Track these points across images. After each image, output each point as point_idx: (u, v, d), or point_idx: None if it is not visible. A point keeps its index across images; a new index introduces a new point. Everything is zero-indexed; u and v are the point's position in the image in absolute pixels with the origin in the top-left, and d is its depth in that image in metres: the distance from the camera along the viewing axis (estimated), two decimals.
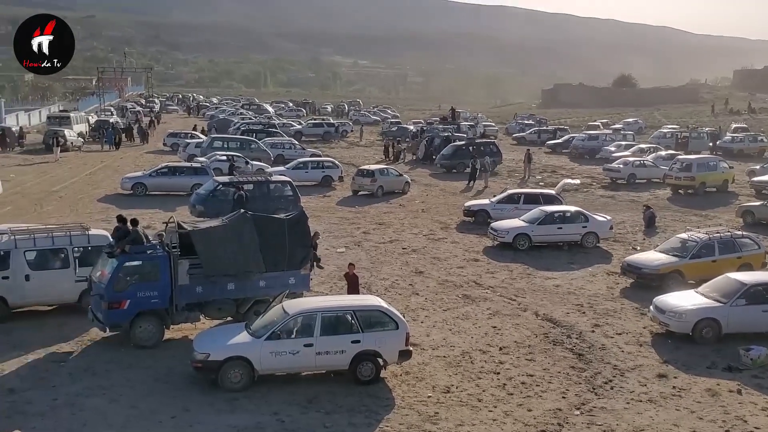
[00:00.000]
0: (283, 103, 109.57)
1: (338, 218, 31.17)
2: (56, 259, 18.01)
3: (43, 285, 17.63)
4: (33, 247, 17.76)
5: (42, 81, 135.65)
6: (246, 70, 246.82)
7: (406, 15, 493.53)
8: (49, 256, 18.00)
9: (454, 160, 45.80)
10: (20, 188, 35.40)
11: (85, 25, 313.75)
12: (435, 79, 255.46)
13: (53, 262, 18.01)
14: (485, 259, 25.11)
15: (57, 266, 17.95)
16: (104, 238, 18.30)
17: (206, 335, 15.37)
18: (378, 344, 14.55)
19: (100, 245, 17.96)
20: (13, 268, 17.42)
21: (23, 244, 17.65)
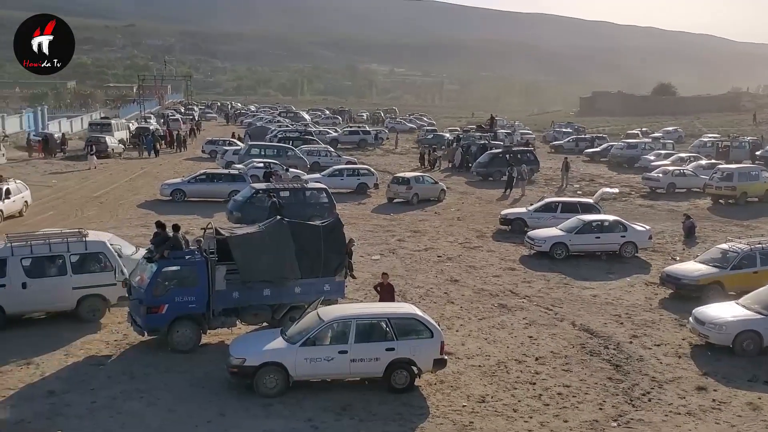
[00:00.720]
0: (319, 111, 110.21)
1: (373, 225, 31.21)
2: (53, 266, 17.87)
3: (40, 292, 17.48)
4: (30, 254, 17.54)
5: (84, 88, 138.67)
6: (283, 78, 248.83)
7: (443, 23, 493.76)
8: (46, 263, 17.80)
9: (491, 168, 45.64)
10: (62, 193, 36.07)
11: (126, 33, 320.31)
12: (472, 86, 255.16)
13: (50, 269, 17.86)
14: (522, 268, 24.93)
15: (54, 273, 17.81)
16: (101, 245, 18.37)
17: (242, 340, 15.47)
18: (412, 352, 14.51)
19: (97, 251, 18.10)
20: (9, 275, 17.28)
21: (20, 251, 17.47)
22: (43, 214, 30.66)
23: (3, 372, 14.81)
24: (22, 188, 30.86)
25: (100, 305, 18.18)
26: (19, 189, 30.47)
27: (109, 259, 18.30)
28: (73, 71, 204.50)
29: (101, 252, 18.31)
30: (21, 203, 30.25)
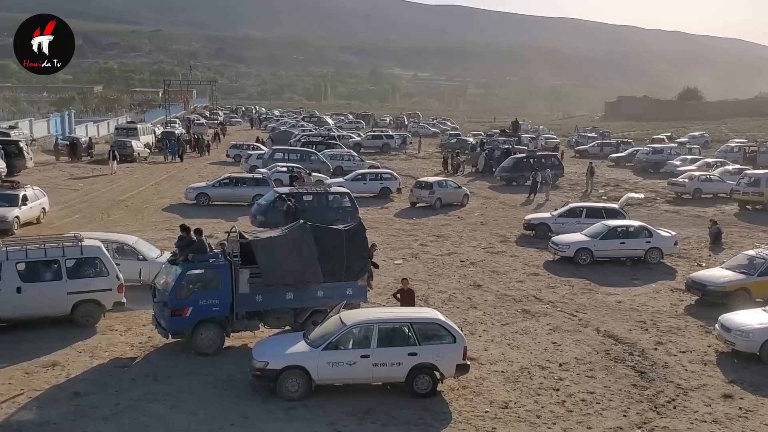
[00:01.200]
0: (342, 116, 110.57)
1: (396, 230, 31.20)
2: (48, 271, 17.71)
3: (35, 297, 17.26)
4: (25, 258, 17.40)
5: (111, 93, 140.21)
6: (307, 83, 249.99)
7: (468, 27, 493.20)
8: (41, 267, 17.63)
9: (515, 173, 45.45)
10: (89, 197, 36.46)
11: (153, 38, 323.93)
12: (496, 91, 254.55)
13: (45, 274, 17.68)
14: (545, 274, 24.78)
15: (49, 278, 17.63)
16: (97, 249, 18.15)
17: (265, 344, 15.52)
18: (435, 357, 14.46)
19: (93, 256, 17.95)
20: (4, 279, 17.10)
21: (15, 255, 17.35)
22: (69, 217, 31.00)
23: (29, 373, 14.98)
24: (40, 195, 30.09)
25: (95, 311, 17.99)
26: (37, 195, 29.67)
27: (105, 264, 18.09)
28: (100, 76, 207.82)
29: (97, 257, 18.07)
30: (38, 210, 29.48)
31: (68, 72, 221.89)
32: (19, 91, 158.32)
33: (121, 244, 21.11)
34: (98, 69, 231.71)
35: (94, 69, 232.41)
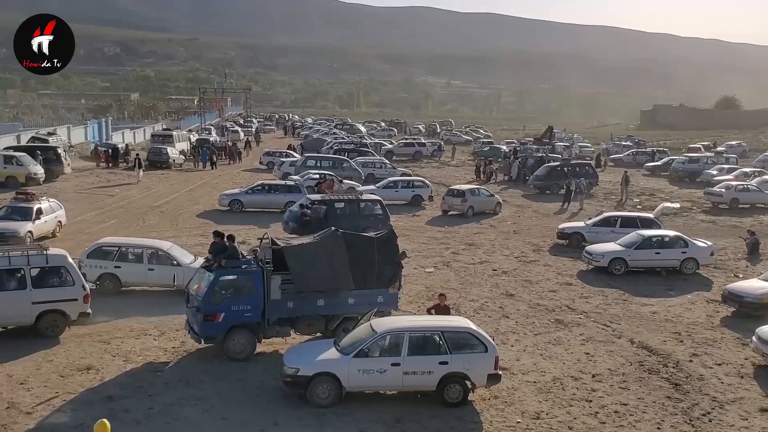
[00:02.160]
0: (375, 123, 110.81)
1: (427, 238, 31.14)
2: (12, 280, 17.20)
3: None
4: None
5: (147, 100, 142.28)
6: (340, 91, 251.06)
7: (500, 35, 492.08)
8: (4, 276, 17.14)
9: (548, 181, 45.15)
10: (124, 203, 36.96)
11: (188, 47, 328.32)
12: (529, 98, 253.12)
13: (9, 282, 17.19)
14: (579, 283, 24.55)
15: (13, 287, 17.13)
16: (63, 259, 17.79)
17: (296, 350, 15.56)
18: (466, 366, 14.38)
19: (58, 265, 17.58)
20: None
21: None
22: (104, 223, 31.44)
23: (64, 376, 15.18)
24: (56, 207, 28.74)
25: (59, 321, 17.51)
26: (53, 208, 28.26)
27: (70, 274, 17.71)
28: (137, 84, 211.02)
29: (62, 266, 17.71)
30: (54, 223, 28.01)
31: (105, 80, 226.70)
32: (57, 98, 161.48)
33: (156, 250, 21.38)
34: (135, 77, 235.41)
35: (131, 77, 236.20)
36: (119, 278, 21.01)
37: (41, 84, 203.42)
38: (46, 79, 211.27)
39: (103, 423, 10.65)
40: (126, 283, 21.16)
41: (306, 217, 27.56)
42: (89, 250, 21.38)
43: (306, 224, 26.95)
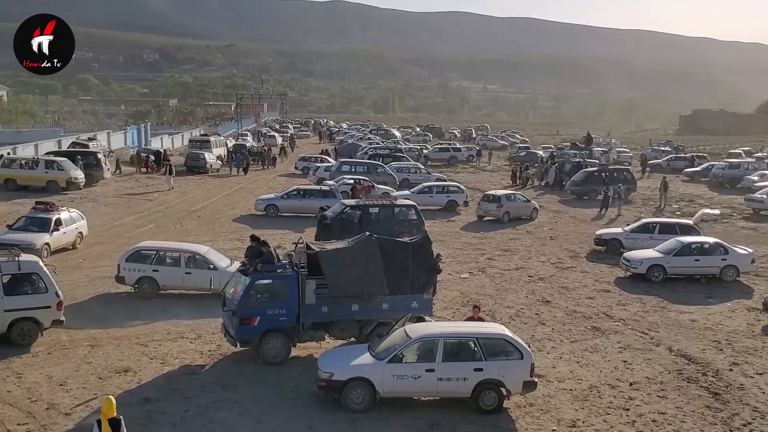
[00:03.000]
0: (410, 128, 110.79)
1: (462, 243, 31.01)
2: None
3: None
4: None
5: (185, 106, 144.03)
6: (375, 96, 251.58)
7: (538, 40, 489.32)
8: None
9: (586, 187, 44.71)
10: (163, 207, 37.43)
11: (226, 53, 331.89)
12: (566, 103, 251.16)
13: None
14: (616, 290, 24.24)
15: None
16: (35, 265, 17.42)
17: (330, 355, 15.59)
18: (501, 373, 14.27)
19: (31, 272, 17.20)
20: None
21: None
22: (143, 227, 31.86)
23: (103, 378, 15.40)
24: (77, 218, 27.59)
25: (32, 329, 17.07)
26: (73, 219, 27.07)
27: (43, 280, 17.25)
28: (175, 90, 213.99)
29: (35, 273, 17.40)
30: (74, 235, 26.89)
31: (145, 86, 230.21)
32: (97, 104, 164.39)
33: (193, 254, 21.61)
34: (174, 83, 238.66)
35: (169, 83, 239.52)
36: (157, 281, 21.27)
37: (82, 90, 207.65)
38: (86, 85, 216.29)
39: (108, 399, 10.82)
40: (164, 287, 21.42)
41: (326, 220, 27.85)
42: (128, 254, 21.67)
43: (325, 228, 27.31)
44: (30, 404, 13.99)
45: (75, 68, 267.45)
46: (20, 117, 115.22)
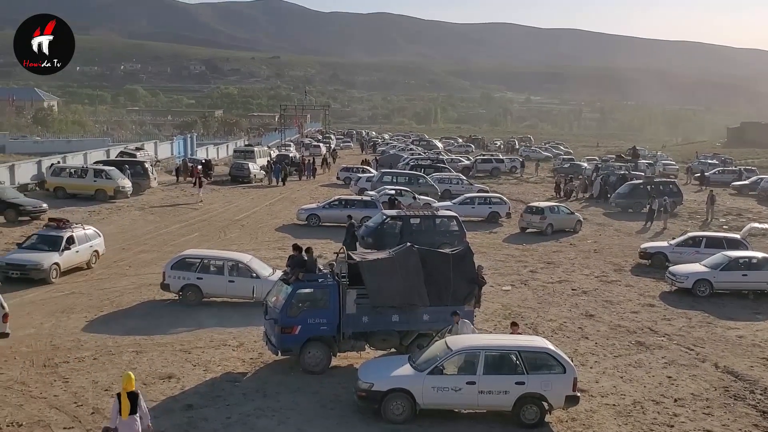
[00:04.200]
0: (452, 139, 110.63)
1: (504, 255, 30.81)
2: None
3: None
4: None
5: (230, 117, 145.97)
6: (418, 107, 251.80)
7: (583, 50, 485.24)
8: None
9: (631, 200, 44.15)
10: (207, 216, 37.93)
11: (271, 65, 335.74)
12: (612, 115, 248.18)
13: None
14: (661, 305, 23.84)
15: None
16: None
17: (371, 365, 15.60)
18: (543, 387, 14.12)
19: None
20: None
21: None
22: (188, 235, 32.33)
23: (147, 384, 15.61)
24: (93, 236, 25.90)
25: None
26: (88, 237, 25.44)
27: None
28: (221, 101, 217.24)
29: None
30: (88, 254, 25.28)
31: (191, 97, 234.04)
32: (145, 114, 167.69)
33: (236, 262, 21.85)
34: (219, 94, 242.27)
35: (215, 94, 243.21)
36: (201, 289, 21.55)
37: (130, 101, 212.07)
38: (134, 96, 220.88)
39: (128, 374, 11.75)
40: (207, 294, 21.69)
41: (353, 228, 28.10)
42: (173, 262, 21.99)
43: (353, 236, 27.96)
44: (76, 408, 14.25)
45: (124, 79, 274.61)
46: (70, 126, 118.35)
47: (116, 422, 11.49)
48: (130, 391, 11.50)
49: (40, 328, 19.01)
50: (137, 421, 11.51)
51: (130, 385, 11.54)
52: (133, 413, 11.46)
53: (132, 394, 11.50)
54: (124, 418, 11.43)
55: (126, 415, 11.43)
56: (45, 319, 19.75)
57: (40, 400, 14.54)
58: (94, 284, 23.57)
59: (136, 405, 11.50)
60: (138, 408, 11.53)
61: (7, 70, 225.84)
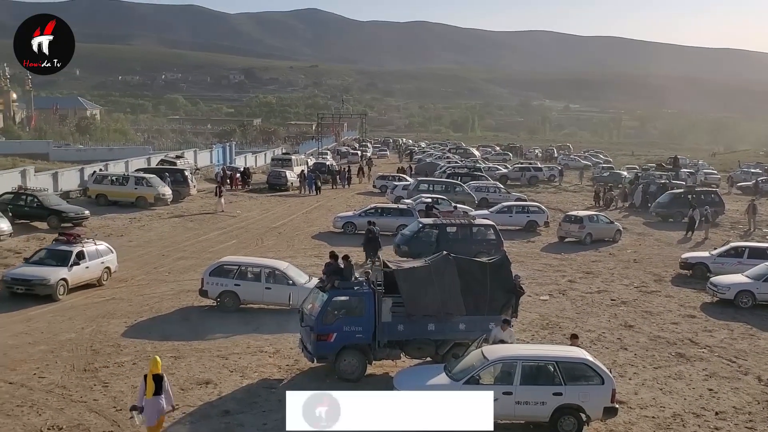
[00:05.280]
0: (489, 147, 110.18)
1: (542, 265, 30.55)
2: None
3: None
4: None
5: (268, 126, 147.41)
6: (455, 115, 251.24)
7: (622, 58, 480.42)
8: None
9: (671, 209, 43.51)
10: (245, 223, 38.28)
11: (309, 74, 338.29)
12: (652, 123, 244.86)
13: None
14: (702, 316, 23.40)
15: None
16: None
17: (406, 374, 15.54)
18: (581, 398, 13.94)
19: None
20: None
21: None
22: (226, 242, 32.65)
23: (185, 389, 15.78)
24: (105, 251, 24.82)
25: None
26: (99, 252, 24.39)
27: None
28: (259, 110, 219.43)
29: None
30: (99, 270, 24.19)
31: (230, 106, 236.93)
32: (185, 123, 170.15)
33: (273, 269, 22.00)
34: (257, 103, 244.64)
35: (254, 103, 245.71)
36: (238, 296, 21.75)
37: (171, 109, 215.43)
38: (175, 105, 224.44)
39: (155, 359, 12.80)
40: (244, 301, 21.88)
41: (371, 234, 28.20)
42: (211, 269, 22.22)
43: (370, 241, 27.88)
44: (115, 413, 14.45)
45: (165, 88, 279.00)
46: (112, 135, 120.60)
47: (142, 401, 12.50)
48: (155, 374, 12.48)
49: (81, 333, 19.33)
50: (161, 400, 12.55)
51: (156, 368, 12.53)
52: (157, 394, 12.47)
53: (157, 377, 12.50)
54: (148, 397, 12.45)
55: (150, 395, 12.44)
56: (86, 324, 20.08)
57: (80, 404, 14.77)
58: (134, 290, 23.92)
59: (160, 386, 12.51)
60: (162, 389, 12.54)
61: (51, 80, 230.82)
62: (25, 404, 14.61)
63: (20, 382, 15.71)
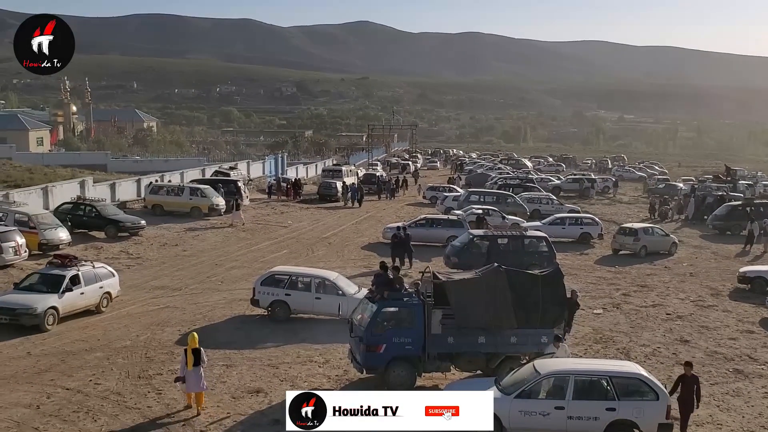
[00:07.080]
0: (542, 158, 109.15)
1: (596, 278, 30.06)
2: None
3: None
4: None
5: (319, 137, 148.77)
6: (506, 126, 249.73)
7: (678, 68, 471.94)
8: None
9: (729, 222, 42.45)
10: (296, 234, 38.57)
11: (359, 86, 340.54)
12: (709, 134, 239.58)
13: None
14: (762, 332, 22.70)
15: None
16: None
17: (456, 386, 15.40)
18: (635, 414, 13.65)
19: None
20: None
21: None
22: (277, 252, 32.94)
23: (236, 398, 15.92)
24: (105, 275, 22.68)
25: None
26: (98, 276, 22.23)
27: None
28: (311, 121, 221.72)
29: None
30: (97, 295, 22.06)
31: (283, 118, 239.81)
32: (239, 134, 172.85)
33: (322, 279, 22.10)
34: (309, 115, 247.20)
35: (305, 115, 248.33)
36: (289, 305, 21.89)
37: (225, 122, 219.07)
38: (229, 117, 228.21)
39: (192, 334, 15.20)
40: (295, 311, 22.02)
41: (396, 238, 28.77)
42: (263, 278, 22.44)
43: (396, 246, 28.68)
44: (167, 420, 14.65)
45: (219, 101, 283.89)
46: (168, 146, 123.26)
47: (183, 372, 14.68)
48: (194, 348, 14.69)
49: (136, 340, 19.69)
50: (201, 370, 14.74)
51: (194, 343, 14.80)
52: (196, 365, 14.65)
53: (196, 351, 14.68)
54: (189, 368, 14.62)
55: (190, 366, 14.63)
56: (140, 331, 20.45)
57: (135, 410, 15.02)
58: (188, 299, 24.28)
59: (199, 359, 14.66)
60: (200, 361, 14.70)
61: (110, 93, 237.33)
62: (81, 410, 14.92)
63: (77, 389, 16.06)
